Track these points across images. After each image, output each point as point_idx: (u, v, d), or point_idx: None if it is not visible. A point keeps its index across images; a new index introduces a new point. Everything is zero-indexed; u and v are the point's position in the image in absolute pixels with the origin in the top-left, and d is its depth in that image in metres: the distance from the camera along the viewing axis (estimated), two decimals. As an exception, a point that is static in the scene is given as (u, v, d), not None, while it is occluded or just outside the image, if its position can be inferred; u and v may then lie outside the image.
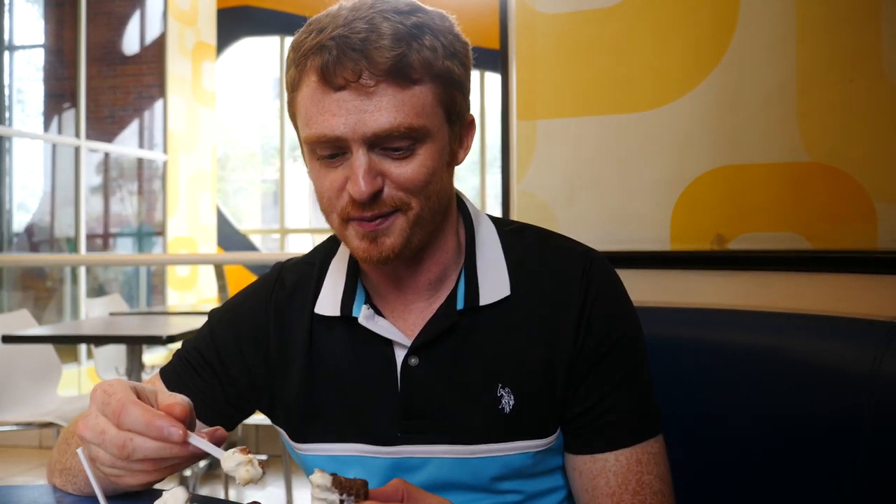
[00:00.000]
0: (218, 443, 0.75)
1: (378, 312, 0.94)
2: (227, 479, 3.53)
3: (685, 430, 1.11)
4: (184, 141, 7.43)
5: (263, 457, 0.73)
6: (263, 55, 10.14)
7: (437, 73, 0.84)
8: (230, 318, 1.02)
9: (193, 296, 7.36)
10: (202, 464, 3.78)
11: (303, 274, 1.00)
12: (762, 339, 1.14)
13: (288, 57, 0.86)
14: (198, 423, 0.95)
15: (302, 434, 0.97)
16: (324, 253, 1.01)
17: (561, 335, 0.90)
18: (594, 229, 1.62)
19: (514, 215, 1.75)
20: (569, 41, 1.68)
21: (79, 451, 0.74)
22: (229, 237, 8.36)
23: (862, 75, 1.42)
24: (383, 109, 0.81)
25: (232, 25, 7.97)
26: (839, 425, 1.01)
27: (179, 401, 0.75)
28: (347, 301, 0.94)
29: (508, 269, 0.94)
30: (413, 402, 0.90)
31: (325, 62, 0.80)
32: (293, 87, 0.85)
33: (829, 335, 1.10)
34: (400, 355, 0.92)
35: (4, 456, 4.39)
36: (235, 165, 12.14)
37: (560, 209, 1.69)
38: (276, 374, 0.97)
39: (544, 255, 0.95)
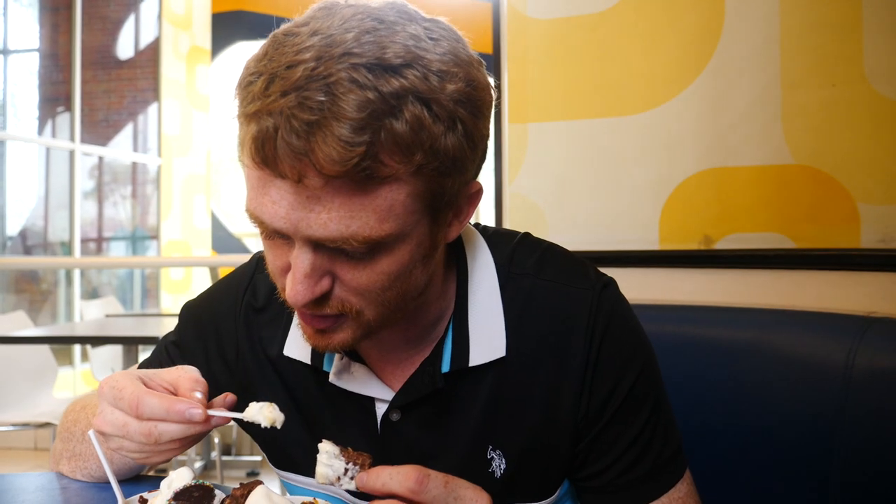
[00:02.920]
0: (231, 406, 0.73)
1: (357, 356, 0.82)
2: (222, 479, 3.54)
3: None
4: (178, 144, 7.43)
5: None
6: (258, 59, 10.14)
7: (419, 164, 0.64)
8: (196, 318, 0.93)
9: (188, 298, 7.35)
10: (197, 465, 3.78)
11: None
12: (744, 334, 1.16)
13: (235, 90, 0.67)
14: None
15: (277, 461, 0.90)
16: None
17: (564, 390, 0.79)
18: (585, 230, 1.65)
19: (506, 217, 1.77)
20: (559, 46, 1.69)
21: (90, 433, 0.74)
22: (224, 240, 8.34)
23: (844, 80, 1.44)
24: (334, 214, 0.63)
25: (226, 29, 7.96)
26: (815, 416, 1.04)
27: (190, 376, 0.72)
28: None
29: (506, 323, 0.80)
30: (395, 457, 0.78)
31: (261, 142, 0.61)
32: (241, 124, 0.66)
33: (807, 330, 1.12)
34: (381, 408, 0.81)
35: (0, 457, 4.40)
36: (229, 169, 12.10)
37: (551, 211, 1.70)
38: (245, 393, 0.84)
39: (545, 301, 0.81)
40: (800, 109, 1.48)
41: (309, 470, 0.80)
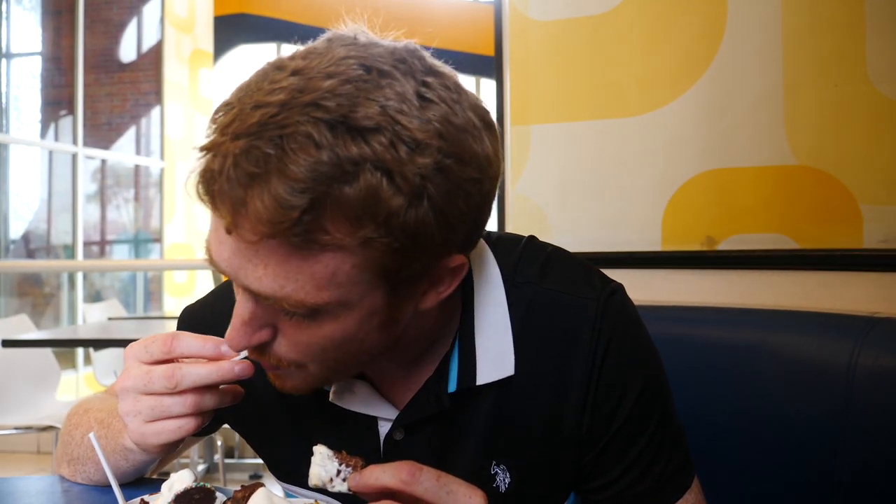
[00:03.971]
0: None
1: (359, 374, 0.79)
2: (225, 482, 3.54)
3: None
4: (181, 148, 7.44)
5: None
6: (260, 62, 10.17)
7: (369, 237, 0.58)
8: (197, 322, 0.90)
9: (191, 302, 7.36)
10: (200, 468, 3.78)
11: None
12: (746, 335, 1.16)
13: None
14: None
15: (277, 472, 0.89)
16: None
17: (568, 403, 0.77)
18: (587, 231, 1.65)
19: (509, 219, 1.77)
20: (561, 48, 1.69)
21: (90, 435, 0.74)
22: (226, 244, 8.34)
23: (847, 81, 1.44)
24: (270, 270, 0.59)
25: (229, 33, 7.98)
26: (819, 416, 1.04)
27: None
28: None
29: (514, 339, 0.76)
30: None
31: (206, 180, 0.57)
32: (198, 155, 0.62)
33: (810, 330, 1.12)
34: (384, 426, 0.79)
35: (3, 460, 4.40)
36: (232, 172, 12.12)
37: (554, 212, 1.70)
38: (244, 403, 0.79)
39: (547, 312, 0.78)
40: (802, 110, 1.48)
41: (305, 483, 0.80)
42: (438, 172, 0.59)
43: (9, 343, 2.82)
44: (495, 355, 0.76)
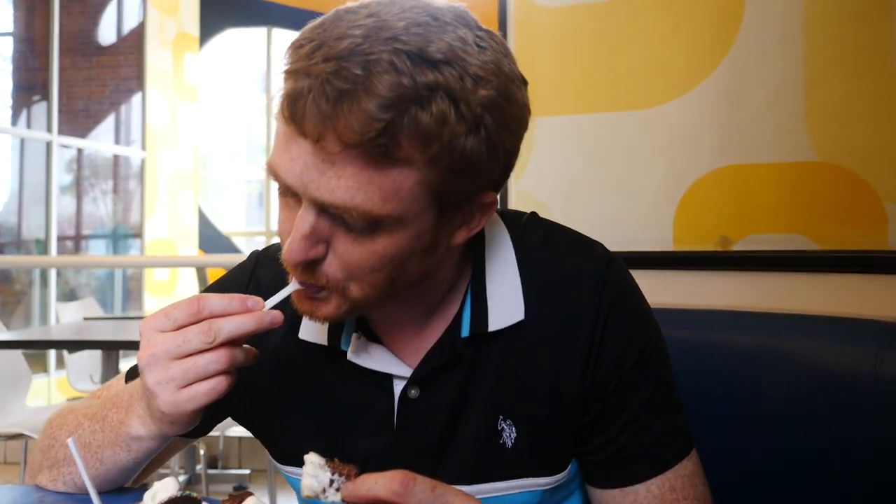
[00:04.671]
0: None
1: (373, 336, 0.86)
2: (208, 494, 3.54)
3: (684, 434, 1.14)
4: (163, 137, 7.44)
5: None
6: (249, 47, 10.16)
7: (435, 156, 0.69)
8: None
9: (173, 301, 7.35)
10: (181, 478, 3.79)
11: (282, 272, 0.89)
12: (763, 341, 1.17)
13: (289, 44, 0.74)
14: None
15: (281, 455, 0.93)
16: None
17: (571, 361, 0.84)
18: (594, 230, 1.60)
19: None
20: (568, 35, 1.70)
21: (69, 441, 0.75)
22: (212, 239, 8.35)
23: (871, 72, 1.45)
24: (343, 182, 0.69)
25: (216, 15, 7.97)
26: (840, 425, 1.04)
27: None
28: (336, 328, 0.86)
29: (523, 286, 0.85)
30: (410, 436, 0.85)
31: (293, 98, 0.69)
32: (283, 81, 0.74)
33: (831, 336, 1.13)
34: (399, 385, 0.85)
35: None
36: (218, 164, 12.11)
37: (559, 210, 1.72)
38: (246, 391, 0.87)
39: (554, 273, 0.86)
40: (823, 103, 1.48)
41: None
42: (494, 107, 0.71)
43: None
44: (506, 303, 0.85)
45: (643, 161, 1.65)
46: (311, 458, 0.69)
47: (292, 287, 0.77)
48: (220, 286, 0.98)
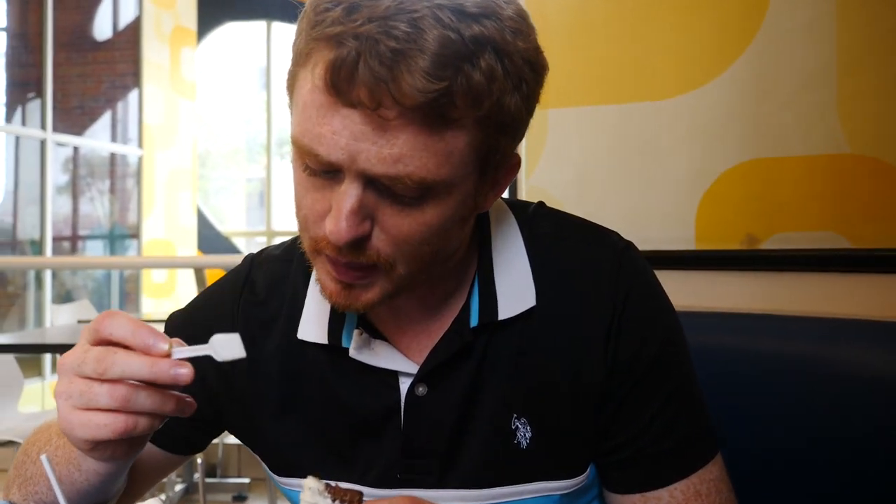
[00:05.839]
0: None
1: (376, 333, 0.85)
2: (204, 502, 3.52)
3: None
4: (161, 135, 7.45)
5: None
6: (249, 42, 10.16)
7: (485, 114, 0.69)
8: (187, 326, 0.94)
9: (171, 304, 7.36)
10: (178, 488, 3.76)
11: (278, 275, 0.92)
12: (795, 346, 1.14)
13: (302, 17, 0.72)
14: (156, 449, 0.92)
15: (280, 468, 0.91)
16: (304, 251, 0.88)
17: (587, 353, 0.82)
18: (610, 227, 1.62)
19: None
20: (583, 22, 1.67)
21: (42, 457, 0.72)
22: (211, 240, 8.38)
23: (908, 58, 1.41)
24: (396, 150, 0.67)
25: (214, 8, 7.98)
26: (878, 436, 1.01)
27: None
28: (336, 325, 0.85)
29: (534, 272, 0.85)
30: (418, 438, 0.84)
31: (339, 65, 0.65)
32: (298, 59, 0.72)
33: (867, 341, 1.09)
34: (405, 383, 0.84)
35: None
36: (217, 162, 12.17)
37: (573, 206, 1.65)
38: (244, 399, 0.89)
39: (567, 262, 0.85)
40: (858, 92, 1.45)
41: (312, 470, 0.83)
42: (531, 60, 0.72)
43: (-36, 349, 2.79)
44: (516, 291, 0.83)
45: (663, 155, 1.61)
46: (310, 484, 0.66)
47: (211, 349, 0.69)
48: (214, 291, 0.96)
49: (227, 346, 0.68)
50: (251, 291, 0.92)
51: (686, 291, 1.55)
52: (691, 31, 1.58)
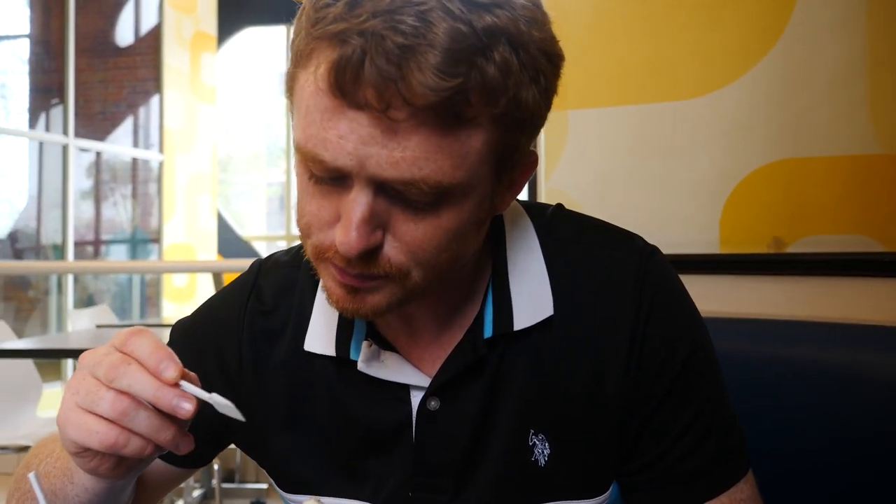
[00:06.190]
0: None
1: (385, 344, 0.82)
2: (223, 511, 3.50)
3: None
4: (181, 140, 7.50)
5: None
6: (268, 46, 10.22)
7: (501, 111, 0.66)
8: (192, 335, 0.92)
9: (191, 308, 7.38)
10: (196, 493, 3.76)
11: (286, 282, 0.89)
12: (825, 354, 1.11)
13: (300, 14, 0.68)
14: (161, 462, 0.91)
15: (287, 484, 0.89)
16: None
17: (610, 364, 0.79)
18: (632, 231, 1.61)
19: (542, 216, 1.74)
20: (603, 20, 1.66)
21: (30, 475, 0.70)
22: (231, 244, 8.41)
23: (942, 55, 1.40)
24: (409, 153, 0.64)
25: (234, 14, 8.03)
26: None
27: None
28: (343, 336, 0.82)
29: (551, 279, 0.81)
30: (430, 454, 0.81)
31: (343, 65, 0.62)
32: (298, 59, 0.68)
33: None
34: (416, 397, 0.81)
35: (-19, 481, 4.40)
36: (238, 167, 12.24)
37: (594, 209, 1.65)
38: (251, 412, 0.85)
39: (587, 267, 0.82)
40: (888, 90, 1.43)
41: (321, 488, 0.84)
42: (548, 49, 0.68)
43: (-20, 353, 2.80)
44: (532, 299, 0.80)
45: (687, 156, 1.59)
46: None
47: (212, 400, 0.67)
48: (222, 297, 0.94)
49: (225, 409, 0.67)
50: (258, 300, 0.89)
51: (709, 297, 1.53)
52: (715, 28, 1.56)
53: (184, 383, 0.65)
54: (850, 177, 1.46)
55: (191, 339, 0.92)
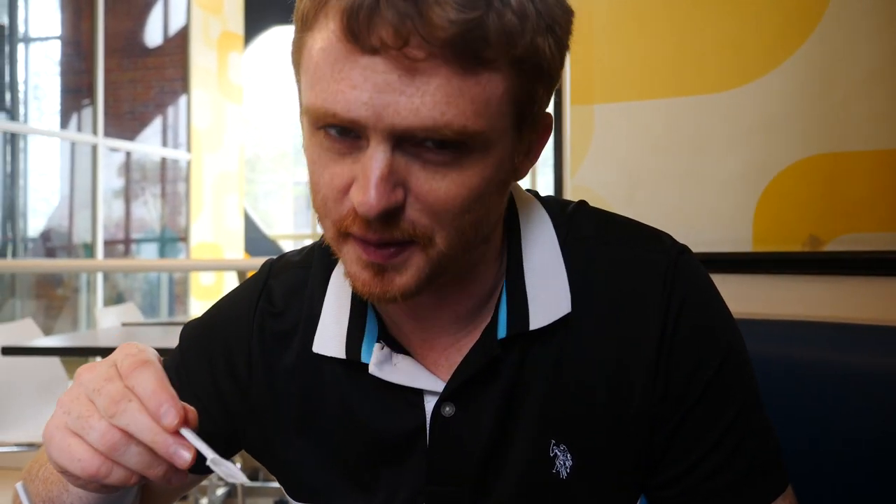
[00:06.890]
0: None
1: (398, 347, 0.80)
2: (248, 509, 3.49)
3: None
4: (209, 139, 7.54)
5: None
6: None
7: (519, 56, 0.64)
8: (202, 338, 0.90)
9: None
10: (219, 492, 3.76)
11: (296, 283, 0.86)
12: (868, 357, 1.07)
13: None
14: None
15: (297, 492, 0.86)
16: (323, 259, 0.84)
17: (636, 370, 0.76)
18: (661, 229, 1.58)
19: (568, 213, 1.72)
20: (631, 12, 1.64)
21: (18, 485, 0.68)
22: (257, 243, 8.45)
23: None
24: (429, 98, 0.61)
25: (261, 13, 8.06)
26: None
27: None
28: (354, 338, 0.79)
29: (570, 276, 0.78)
30: (445, 463, 0.78)
31: (356, 8, 0.60)
32: (304, 23, 0.66)
33: None
34: (430, 402, 0.78)
35: (4, 479, 4.43)
36: (265, 166, 12.29)
37: (621, 207, 1.66)
38: (261, 418, 0.85)
39: (611, 266, 0.79)
40: None
41: (331, 497, 0.82)
42: (560, 2, 0.67)
43: (9, 350, 2.81)
44: (548, 296, 0.77)
45: (718, 151, 1.57)
46: None
47: (207, 451, 0.62)
48: (232, 299, 0.92)
49: (225, 472, 0.63)
50: (268, 301, 0.87)
51: (742, 297, 1.51)
52: (748, 18, 1.54)
53: (184, 431, 0.62)
54: (889, 172, 1.43)
55: (200, 342, 0.89)
